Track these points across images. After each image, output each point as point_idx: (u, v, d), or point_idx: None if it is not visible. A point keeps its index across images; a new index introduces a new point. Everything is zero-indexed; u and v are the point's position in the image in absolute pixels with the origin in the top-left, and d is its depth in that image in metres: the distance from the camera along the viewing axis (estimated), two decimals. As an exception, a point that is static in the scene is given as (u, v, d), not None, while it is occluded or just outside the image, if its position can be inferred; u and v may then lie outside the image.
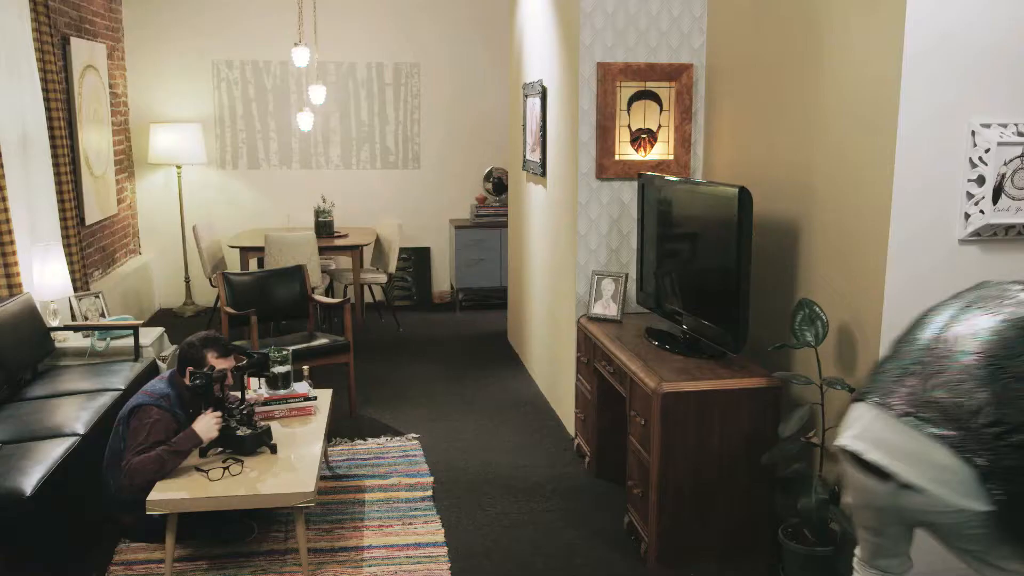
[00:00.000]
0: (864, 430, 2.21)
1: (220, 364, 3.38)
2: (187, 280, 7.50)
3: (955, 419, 2.04)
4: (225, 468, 3.17)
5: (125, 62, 7.25)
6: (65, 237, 5.31)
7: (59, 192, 5.30)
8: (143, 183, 7.47)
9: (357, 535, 3.52)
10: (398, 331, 6.93)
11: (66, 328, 4.66)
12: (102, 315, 4.96)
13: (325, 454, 3.92)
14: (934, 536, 2.19)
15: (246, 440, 3.28)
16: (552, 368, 5.11)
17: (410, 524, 3.62)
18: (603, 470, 4.11)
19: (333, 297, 7.11)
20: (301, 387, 3.89)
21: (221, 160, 7.51)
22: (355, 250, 6.58)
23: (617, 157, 4.30)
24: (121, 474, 3.17)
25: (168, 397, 3.35)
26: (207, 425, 3.24)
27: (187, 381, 3.36)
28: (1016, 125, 2.80)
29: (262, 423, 3.41)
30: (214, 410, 3.29)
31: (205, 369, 3.33)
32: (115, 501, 3.32)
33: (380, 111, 7.70)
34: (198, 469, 3.17)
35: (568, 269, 4.57)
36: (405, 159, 7.80)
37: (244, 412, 3.35)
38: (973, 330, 2.12)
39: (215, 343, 3.43)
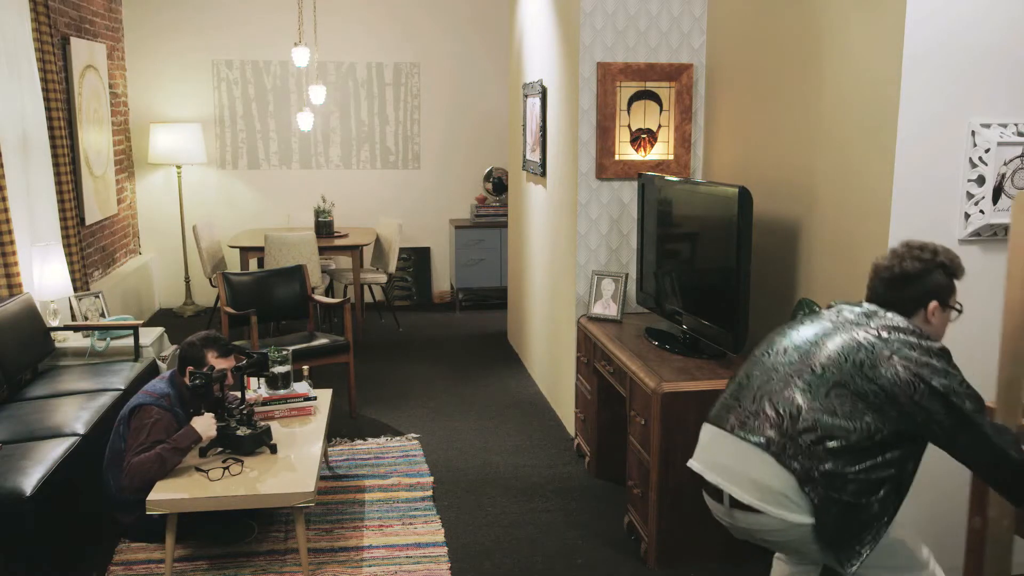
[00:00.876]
0: (703, 450, 2.33)
1: (220, 364, 3.38)
2: (187, 280, 7.50)
3: (776, 426, 2.13)
4: (225, 468, 3.16)
5: (125, 62, 7.25)
6: (65, 237, 5.31)
7: (59, 192, 5.30)
8: (143, 183, 7.48)
9: (357, 535, 3.52)
10: (398, 331, 6.93)
11: (66, 328, 4.66)
12: (102, 315, 4.96)
13: (325, 454, 3.92)
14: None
15: (246, 440, 3.28)
16: (552, 368, 5.11)
17: (410, 524, 3.62)
18: (603, 470, 4.11)
19: (333, 297, 7.12)
20: (301, 387, 3.89)
21: (221, 160, 7.51)
22: (355, 250, 6.57)
23: (617, 157, 4.30)
24: (121, 474, 3.18)
25: (168, 397, 3.35)
26: (206, 423, 3.24)
27: (187, 381, 3.37)
28: (1016, 125, 2.80)
29: (262, 423, 3.41)
30: (213, 413, 3.30)
31: (205, 369, 3.34)
32: (115, 501, 3.32)
33: (380, 111, 7.70)
34: (198, 469, 3.16)
35: (568, 269, 4.57)
36: (405, 159, 7.80)
37: (244, 412, 3.35)
38: (799, 342, 2.23)
39: (215, 343, 3.43)
